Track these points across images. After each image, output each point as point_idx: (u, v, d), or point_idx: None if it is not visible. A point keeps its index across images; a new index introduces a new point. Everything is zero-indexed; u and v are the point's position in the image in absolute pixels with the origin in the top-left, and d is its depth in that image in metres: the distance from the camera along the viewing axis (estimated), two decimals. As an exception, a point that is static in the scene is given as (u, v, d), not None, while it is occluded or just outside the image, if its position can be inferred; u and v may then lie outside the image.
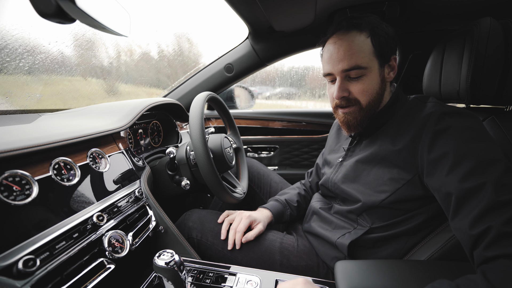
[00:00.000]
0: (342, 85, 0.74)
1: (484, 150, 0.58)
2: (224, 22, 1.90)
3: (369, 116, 0.77)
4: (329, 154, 1.00)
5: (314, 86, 2.38)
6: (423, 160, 0.65)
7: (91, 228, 0.62)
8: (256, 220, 0.92)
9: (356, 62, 0.71)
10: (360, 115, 0.76)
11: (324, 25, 1.24)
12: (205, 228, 0.92)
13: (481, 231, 0.51)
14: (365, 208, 0.76)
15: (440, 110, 0.66)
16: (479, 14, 1.06)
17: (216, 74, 1.57)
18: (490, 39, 0.70)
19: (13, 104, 1.14)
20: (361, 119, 0.76)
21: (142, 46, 2.08)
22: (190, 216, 0.96)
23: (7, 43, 1.04)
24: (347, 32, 0.73)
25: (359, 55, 0.71)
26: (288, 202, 1.05)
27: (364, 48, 0.72)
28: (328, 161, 0.98)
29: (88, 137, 0.72)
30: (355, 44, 0.71)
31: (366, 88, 0.73)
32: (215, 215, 0.97)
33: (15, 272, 0.45)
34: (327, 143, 1.07)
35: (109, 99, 1.88)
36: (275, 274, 0.73)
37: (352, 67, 0.71)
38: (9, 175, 0.51)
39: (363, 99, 0.74)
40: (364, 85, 0.73)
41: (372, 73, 0.73)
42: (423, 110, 0.69)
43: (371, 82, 0.73)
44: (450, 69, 0.82)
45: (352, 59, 0.71)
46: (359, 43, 0.71)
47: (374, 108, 0.76)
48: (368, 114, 0.76)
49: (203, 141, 0.84)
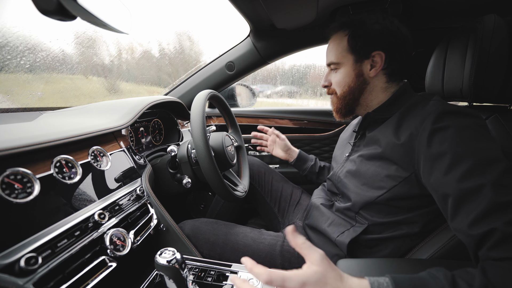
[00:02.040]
0: (326, 76, 0.89)
1: (483, 149, 0.56)
2: (225, 20, 1.89)
3: (348, 104, 0.85)
4: (338, 149, 1.02)
5: (315, 84, 2.37)
6: (420, 158, 0.64)
7: (93, 226, 0.62)
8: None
9: (330, 58, 0.85)
10: (337, 103, 0.87)
11: (326, 23, 1.23)
12: (199, 240, 0.90)
13: (484, 232, 0.50)
14: (362, 204, 0.76)
15: (440, 108, 0.64)
16: (483, 11, 1.05)
17: (217, 72, 1.56)
18: (494, 37, 0.69)
19: (15, 102, 1.14)
20: (339, 107, 0.87)
21: (143, 44, 2.07)
22: (183, 228, 0.93)
23: (8, 41, 1.04)
24: (336, 32, 0.84)
25: (333, 52, 0.83)
26: (316, 161, 1.23)
27: (338, 45, 0.82)
28: (336, 157, 1.01)
29: (89, 135, 0.72)
30: (334, 43, 0.84)
31: (339, 80, 0.84)
32: (209, 225, 0.95)
33: (17, 270, 0.45)
34: (339, 140, 1.08)
35: (110, 97, 1.88)
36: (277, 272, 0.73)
37: (329, 62, 0.86)
38: (10, 173, 0.51)
39: (338, 89, 0.85)
40: (338, 77, 0.84)
41: (345, 67, 0.82)
42: (425, 107, 0.68)
43: (344, 75, 0.82)
44: (453, 67, 0.81)
45: (328, 56, 0.86)
46: (336, 41, 0.83)
47: (348, 99, 0.84)
48: (342, 103, 0.85)
49: (204, 139, 0.84)
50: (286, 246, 0.88)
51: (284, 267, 0.84)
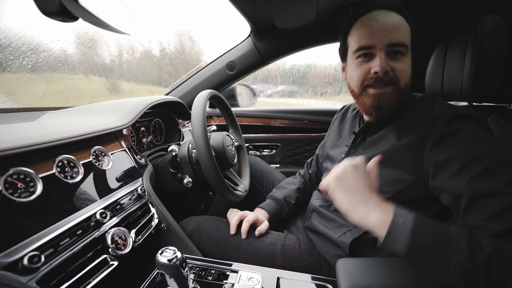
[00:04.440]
0: (385, 60, 0.68)
1: (495, 152, 0.57)
2: (226, 20, 1.89)
3: (400, 100, 0.73)
4: (331, 149, 0.99)
5: (316, 84, 2.37)
6: (429, 162, 0.63)
7: (95, 225, 0.63)
8: (260, 219, 0.95)
9: (402, 39, 0.68)
10: (397, 97, 0.71)
11: (326, 23, 1.24)
12: (202, 236, 0.90)
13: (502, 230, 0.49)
14: None
15: (449, 113, 0.64)
16: (483, 10, 1.05)
17: (218, 72, 1.57)
18: (493, 36, 0.70)
19: (17, 102, 1.15)
20: (396, 102, 0.72)
21: (144, 44, 2.08)
22: (187, 224, 0.94)
23: (10, 42, 1.05)
24: (390, 11, 0.71)
25: (404, 33, 0.69)
26: (286, 200, 1.05)
27: (406, 29, 0.70)
28: (330, 156, 0.97)
29: (91, 135, 0.73)
30: (401, 22, 0.69)
31: (406, 69, 0.70)
32: (212, 222, 0.96)
33: (21, 268, 0.46)
34: (328, 137, 1.07)
35: (111, 97, 1.88)
36: (277, 271, 0.73)
37: (399, 42, 0.68)
38: (13, 173, 0.52)
39: (403, 79, 0.70)
40: (404, 65, 0.70)
41: (409, 56, 0.71)
42: (431, 111, 0.67)
43: (408, 64, 0.71)
44: (453, 67, 0.81)
45: (400, 34, 0.68)
46: (404, 23, 0.70)
47: (406, 93, 0.73)
48: (401, 97, 0.72)
49: (205, 139, 0.84)
50: (287, 245, 0.88)
51: (285, 266, 0.84)
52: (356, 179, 0.60)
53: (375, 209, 0.55)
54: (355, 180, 0.59)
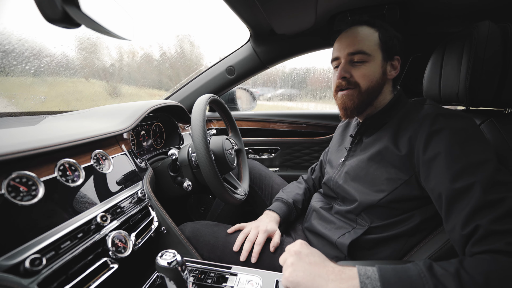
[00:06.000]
0: (345, 67, 0.79)
1: (475, 151, 0.59)
2: (225, 25, 1.91)
3: (366, 102, 0.81)
4: (332, 154, 1.02)
5: (315, 87, 2.39)
6: (419, 160, 0.66)
7: (95, 228, 0.63)
8: (272, 232, 0.91)
9: (361, 47, 0.77)
10: (357, 98, 0.80)
11: (324, 28, 1.25)
12: (199, 242, 0.90)
13: (470, 230, 0.52)
14: (364, 207, 0.77)
15: (435, 111, 0.68)
16: (478, 16, 1.06)
17: (218, 76, 1.58)
18: (488, 43, 0.71)
19: (18, 106, 1.16)
20: (358, 103, 0.80)
21: (145, 48, 2.10)
22: (183, 230, 0.92)
23: (14, 47, 1.06)
24: (359, 25, 0.80)
25: (365, 42, 0.77)
26: (295, 204, 1.05)
27: (370, 38, 0.78)
28: (330, 161, 1.01)
29: (92, 139, 0.73)
30: (363, 33, 0.79)
31: (367, 73, 0.78)
32: (209, 228, 0.94)
33: (22, 270, 0.46)
34: (331, 144, 1.09)
35: (112, 101, 1.89)
36: (276, 274, 0.73)
37: (357, 51, 0.77)
38: (16, 176, 0.52)
39: (363, 83, 0.78)
40: (365, 70, 0.78)
41: (374, 62, 0.78)
42: (420, 112, 0.71)
43: (373, 69, 0.78)
44: (450, 72, 0.83)
45: (357, 45, 0.78)
46: (367, 33, 0.79)
47: (371, 95, 0.80)
48: (365, 99, 0.80)
49: (204, 143, 0.85)
50: (285, 248, 0.89)
51: None
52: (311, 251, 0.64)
53: (338, 278, 0.54)
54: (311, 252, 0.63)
